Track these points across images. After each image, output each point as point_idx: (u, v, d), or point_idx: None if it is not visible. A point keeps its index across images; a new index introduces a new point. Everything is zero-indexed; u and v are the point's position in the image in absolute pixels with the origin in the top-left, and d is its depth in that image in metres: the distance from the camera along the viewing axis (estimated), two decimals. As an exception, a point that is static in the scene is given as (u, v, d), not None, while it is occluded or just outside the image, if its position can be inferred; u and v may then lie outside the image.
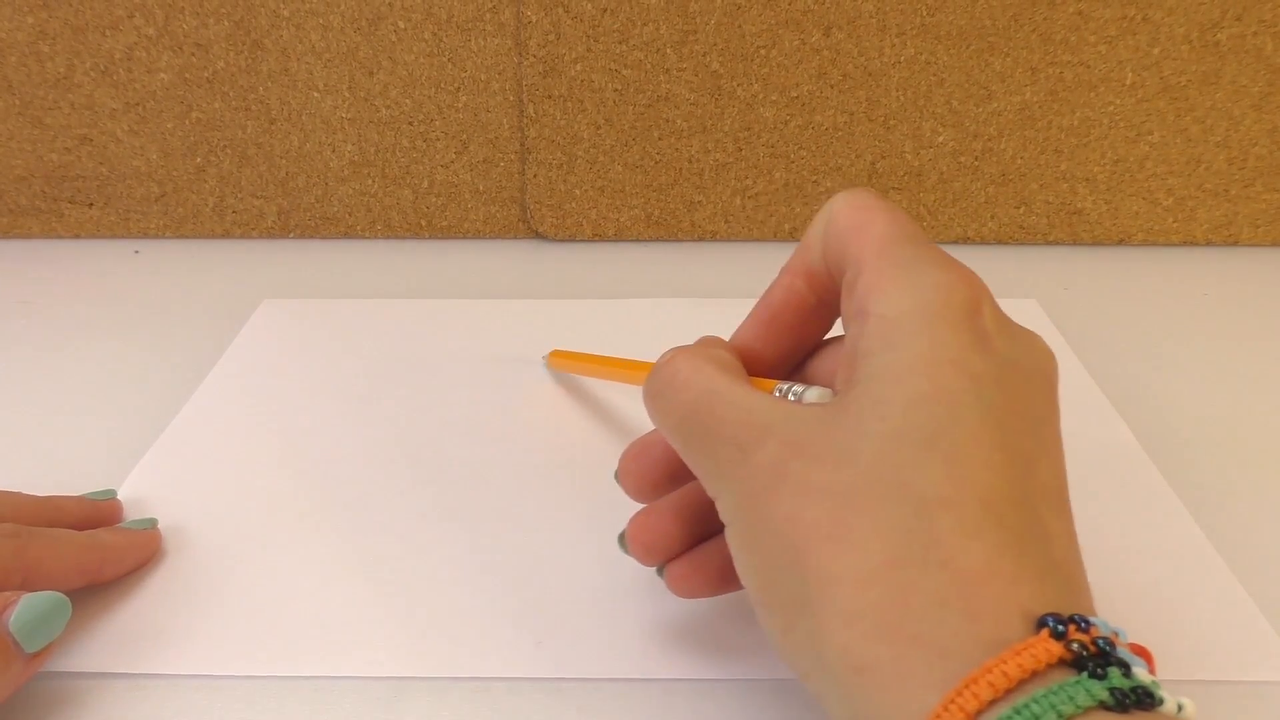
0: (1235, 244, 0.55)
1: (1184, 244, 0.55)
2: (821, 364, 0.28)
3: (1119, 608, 0.31)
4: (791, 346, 0.28)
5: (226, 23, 0.52)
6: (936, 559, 0.19)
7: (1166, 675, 0.28)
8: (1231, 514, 0.35)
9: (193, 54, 0.52)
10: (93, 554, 0.31)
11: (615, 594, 0.31)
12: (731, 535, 0.23)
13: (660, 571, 0.28)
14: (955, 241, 0.56)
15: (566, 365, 0.43)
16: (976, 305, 0.23)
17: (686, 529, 0.27)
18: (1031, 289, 0.51)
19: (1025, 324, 0.47)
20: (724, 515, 0.24)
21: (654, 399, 0.26)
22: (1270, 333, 0.47)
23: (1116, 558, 0.33)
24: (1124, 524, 0.34)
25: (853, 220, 0.25)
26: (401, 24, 0.52)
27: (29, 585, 0.28)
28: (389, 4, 0.51)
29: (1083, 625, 0.19)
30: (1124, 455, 0.38)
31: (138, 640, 0.30)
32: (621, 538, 0.28)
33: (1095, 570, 0.32)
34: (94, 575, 0.31)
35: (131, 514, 0.35)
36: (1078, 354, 0.45)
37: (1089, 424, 0.40)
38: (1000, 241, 0.56)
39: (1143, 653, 0.20)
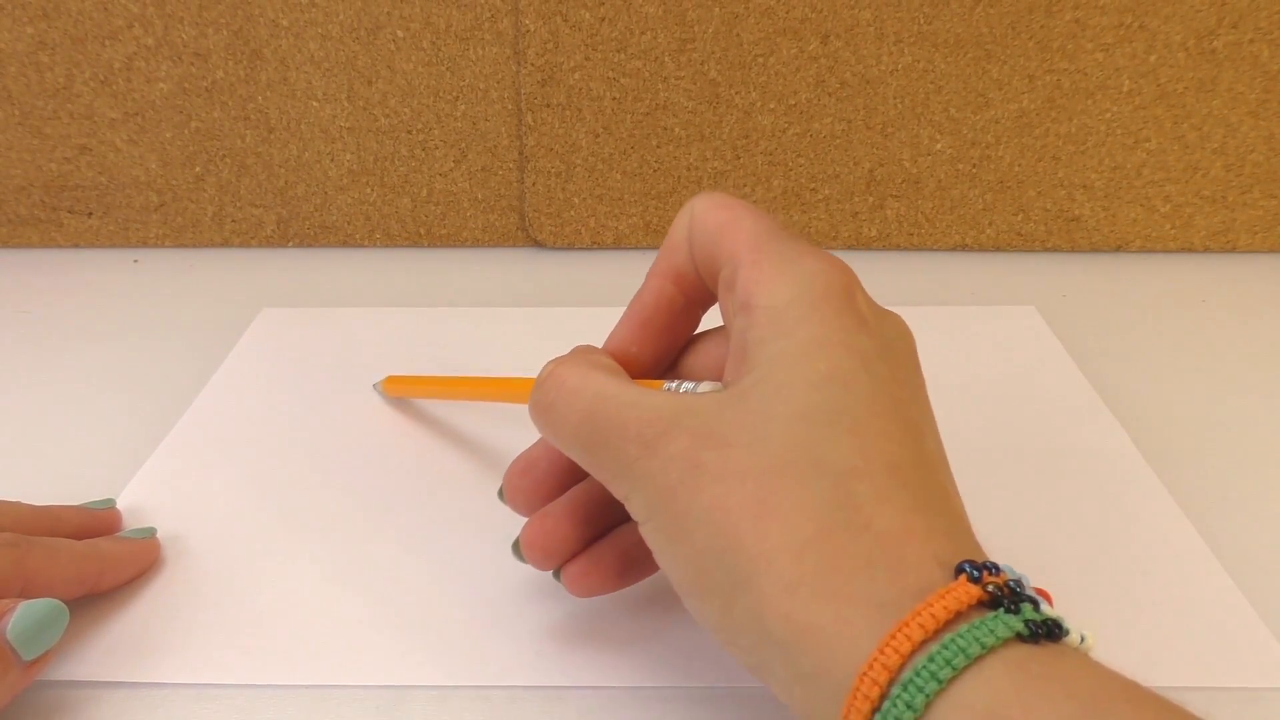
0: (1233, 250, 0.55)
1: (1181, 251, 0.55)
2: (695, 360, 0.29)
3: (1118, 613, 0.31)
4: (665, 347, 0.29)
5: (225, 32, 0.52)
6: (859, 524, 0.21)
7: (1167, 682, 0.28)
8: (1231, 521, 0.35)
9: (192, 64, 0.53)
10: (91, 563, 0.31)
11: (615, 601, 0.31)
12: (651, 531, 0.24)
13: (557, 575, 0.28)
14: (953, 248, 0.56)
15: (406, 390, 0.42)
16: (851, 290, 0.25)
17: (581, 529, 0.28)
18: (1029, 296, 0.51)
19: (1023, 331, 0.48)
20: (639, 513, 0.24)
21: (545, 412, 0.27)
22: (1268, 339, 0.47)
23: (1115, 564, 0.33)
24: (1123, 531, 0.34)
25: (719, 220, 0.26)
26: (400, 33, 0.52)
27: (27, 594, 0.28)
28: (387, 13, 0.51)
29: (994, 570, 0.21)
30: (1122, 462, 0.38)
31: (136, 649, 0.30)
32: (516, 545, 0.28)
33: (1094, 576, 0.32)
34: (93, 584, 0.31)
35: (130, 523, 0.35)
36: (1076, 361, 0.45)
37: (1087, 431, 0.40)
38: (998, 248, 0.56)
39: (1045, 595, 0.21)
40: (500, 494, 0.30)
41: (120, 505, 0.35)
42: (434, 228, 0.56)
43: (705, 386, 0.25)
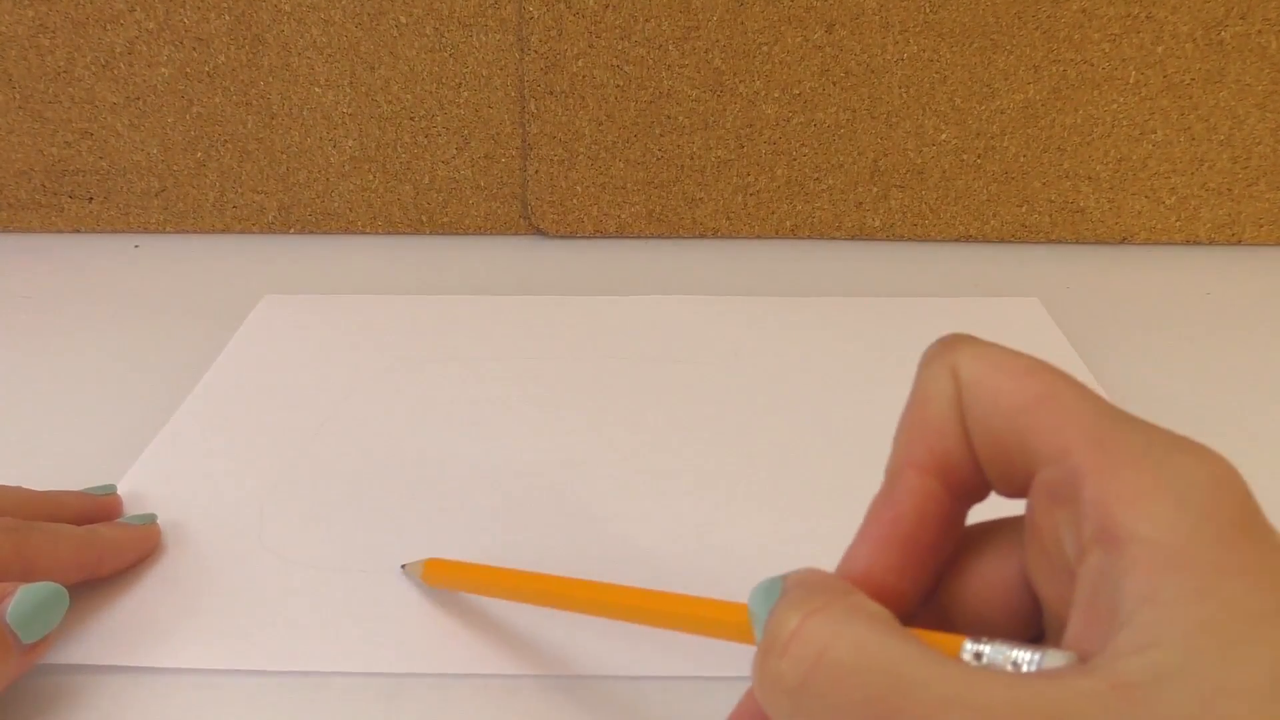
0: (1238, 243, 0.55)
1: (1187, 243, 0.55)
2: (970, 586, 0.21)
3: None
4: (933, 570, 0.21)
5: (227, 17, 0.52)
6: None
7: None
8: (1233, 513, 0.35)
9: (193, 48, 0.52)
10: (92, 549, 0.31)
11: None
12: None
13: None
14: (957, 239, 0.56)
15: (451, 580, 0.31)
16: (1250, 499, 0.17)
17: None
18: (1033, 288, 0.51)
19: (1026, 323, 0.48)
20: None
21: (795, 695, 0.17)
22: (1273, 332, 0.47)
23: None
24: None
25: (1023, 393, 0.19)
26: (403, 19, 0.52)
27: (28, 578, 0.28)
28: (391, -1, 0.51)
29: None
30: (1126, 454, 0.38)
31: (136, 633, 0.30)
32: None
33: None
34: (93, 570, 0.31)
35: (131, 509, 0.35)
36: (1080, 353, 0.44)
37: (1091, 423, 0.40)
38: (1002, 240, 0.56)
39: None
40: None
41: (121, 491, 0.35)
42: (436, 215, 0.56)
43: (1055, 659, 0.17)
